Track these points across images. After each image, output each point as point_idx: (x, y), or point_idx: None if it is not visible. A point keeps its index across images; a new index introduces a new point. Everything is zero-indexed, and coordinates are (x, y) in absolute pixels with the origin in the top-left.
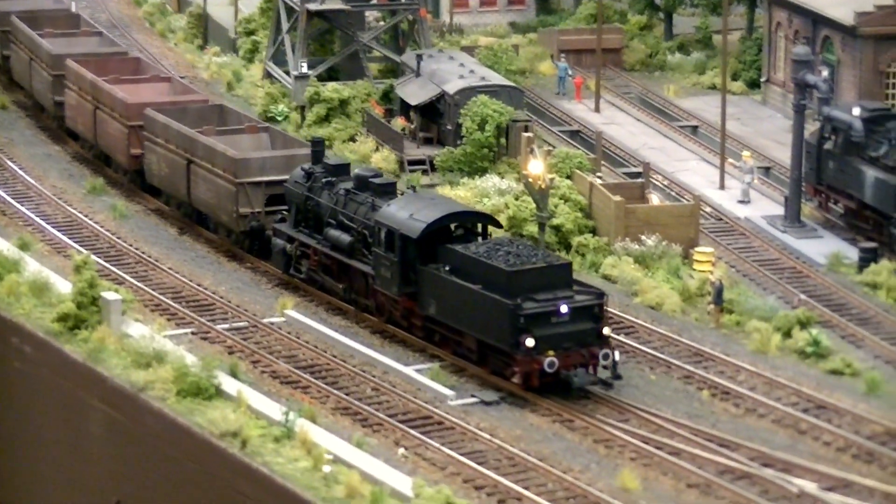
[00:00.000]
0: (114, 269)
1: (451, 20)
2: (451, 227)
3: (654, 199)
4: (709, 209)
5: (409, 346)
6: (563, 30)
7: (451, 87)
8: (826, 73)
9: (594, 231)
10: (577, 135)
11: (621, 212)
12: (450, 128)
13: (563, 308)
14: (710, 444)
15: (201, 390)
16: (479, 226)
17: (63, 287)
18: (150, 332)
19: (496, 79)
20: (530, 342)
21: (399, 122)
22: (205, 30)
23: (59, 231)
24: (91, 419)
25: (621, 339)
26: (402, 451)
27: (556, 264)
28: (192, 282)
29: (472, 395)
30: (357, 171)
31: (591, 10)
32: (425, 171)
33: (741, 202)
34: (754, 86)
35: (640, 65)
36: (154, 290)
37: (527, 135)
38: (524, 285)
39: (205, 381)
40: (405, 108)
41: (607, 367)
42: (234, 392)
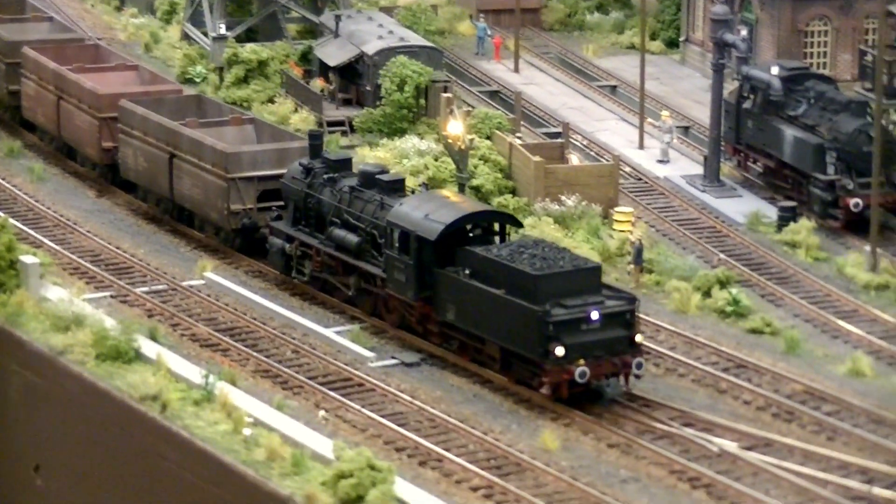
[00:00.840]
0: (32, 232)
1: None
2: (467, 226)
3: (574, 159)
4: (628, 169)
5: (329, 308)
6: None
7: (370, 48)
8: (744, 32)
9: (514, 192)
10: (496, 95)
11: (541, 172)
12: (369, 89)
13: (594, 314)
14: (631, 403)
15: (121, 354)
16: (497, 225)
17: None
18: (68, 295)
19: (415, 39)
20: (560, 351)
21: (318, 84)
22: None
23: None
24: (10, 384)
25: None
26: (322, 413)
27: (584, 267)
28: (110, 245)
29: (393, 357)
30: (362, 167)
31: None
32: (344, 133)
33: (660, 162)
34: (673, 45)
35: (558, 25)
36: (72, 253)
37: (446, 95)
38: (552, 290)
39: (124, 345)
40: (324, 70)
41: (640, 377)
42: (153, 355)
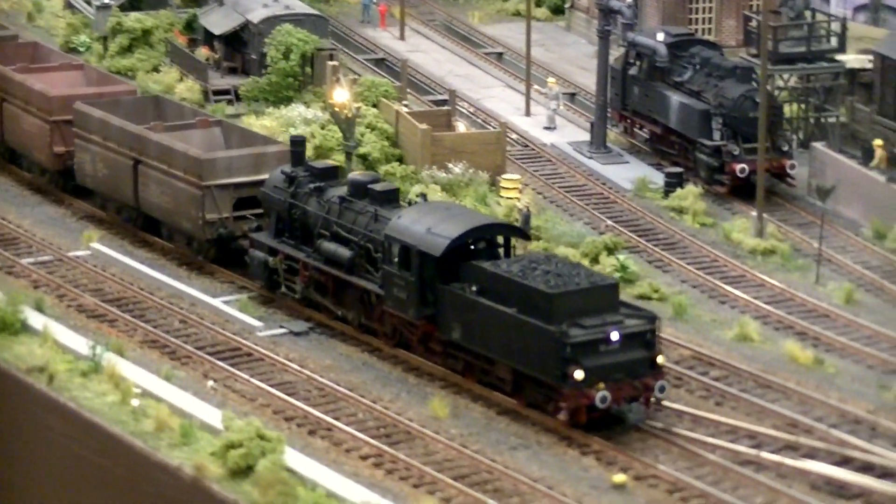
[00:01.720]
0: None
1: None
2: (470, 240)
3: (461, 126)
4: (515, 136)
5: (216, 278)
6: None
7: (255, 16)
8: None
9: (401, 159)
10: (382, 63)
11: (428, 140)
12: (254, 57)
13: (614, 335)
14: None
15: (7, 325)
16: (501, 238)
17: None
18: None
19: (300, 7)
20: (579, 374)
21: (203, 52)
22: None
23: None
24: None
25: None
26: (211, 383)
27: (602, 284)
28: None
29: (281, 326)
30: (352, 176)
31: None
32: (230, 101)
33: (547, 128)
34: (558, 12)
35: None
36: None
37: (332, 63)
38: (568, 309)
39: (10, 316)
40: (209, 38)
41: (661, 401)
42: (40, 327)
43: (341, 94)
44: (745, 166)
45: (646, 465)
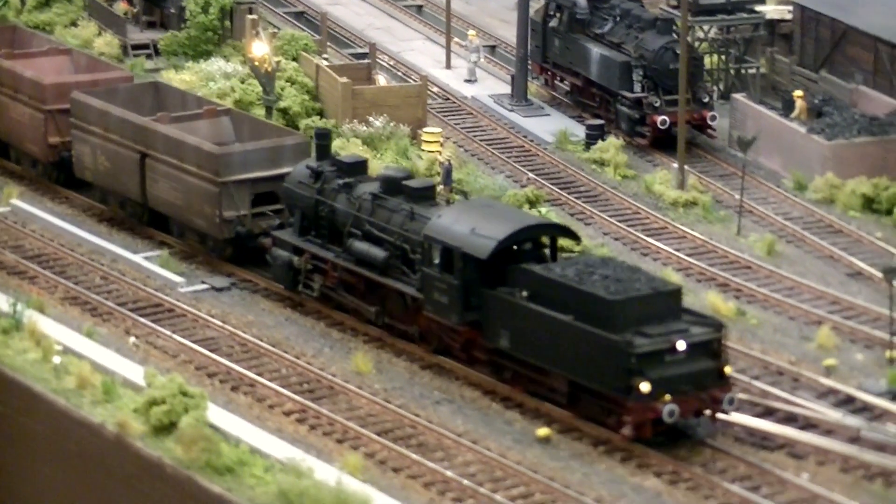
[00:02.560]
0: None
1: None
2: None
3: (381, 79)
4: (436, 89)
5: (136, 234)
6: None
7: None
8: None
9: (321, 113)
10: (301, 16)
11: (348, 93)
12: (173, 11)
13: (681, 344)
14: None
15: None
16: (547, 238)
17: None
18: None
19: None
20: (646, 387)
21: (121, 7)
22: None
23: None
24: None
25: None
26: (132, 339)
27: (664, 290)
28: None
29: (203, 282)
30: (384, 171)
31: None
32: (149, 56)
33: (468, 81)
34: None
35: None
36: None
37: (251, 17)
38: (630, 317)
39: None
40: None
41: (728, 413)
42: None
43: (261, 48)
44: (665, 118)
45: (571, 419)
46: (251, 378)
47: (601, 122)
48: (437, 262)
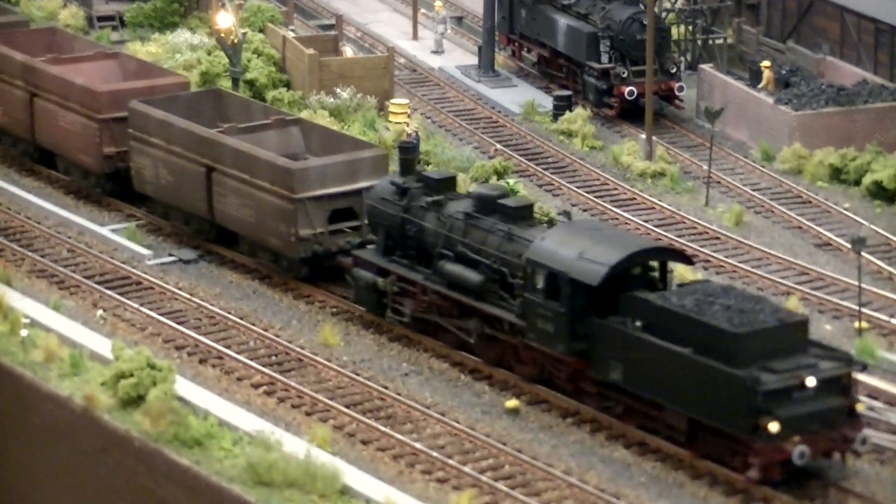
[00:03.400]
0: None
1: None
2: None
3: (348, 51)
4: (402, 60)
5: (104, 207)
6: None
7: None
8: None
9: (288, 85)
10: None
11: (315, 65)
12: None
13: (811, 380)
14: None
15: None
16: (656, 262)
17: None
18: None
19: None
20: (774, 426)
21: None
22: None
23: None
24: None
25: None
26: (100, 312)
27: (790, 322)
28: None
29: (170, 255)
30: (477, 189)
31: None
32: (115, 28)
33: (435, 52)
34: None
35: None
36: None
37: None
38: (756, 351)
39: None
40: None
41: (860, 454)
42: None
43: (226, 20)
44: (633, 89)
45: (539, 391)
46: (219, 351)
47: (568, 93)
48: (540, 287)
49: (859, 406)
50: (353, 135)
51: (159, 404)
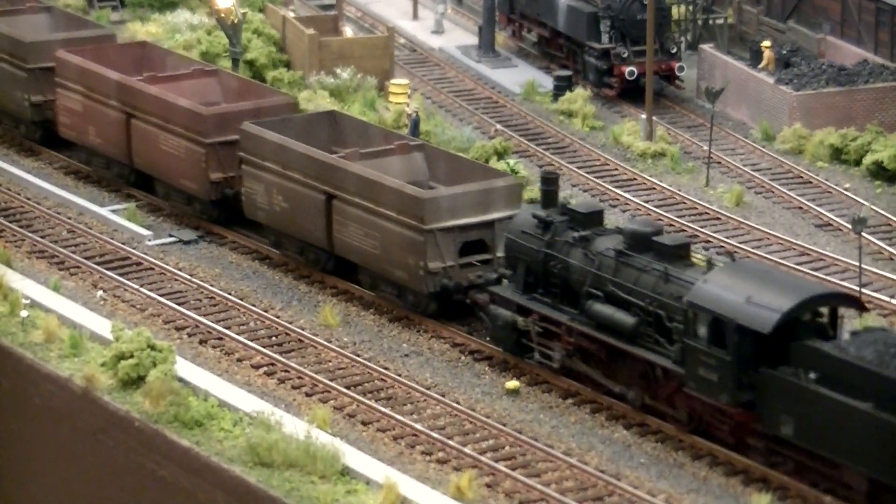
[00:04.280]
0: None
1: None
2: None
3: (348, 31)
4: (403, 40)
5: (103, 187)
6: None
7: None
8: None
9: (288, 65)
10: None
11: (315, 45)
12: None
13: None
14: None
15: None
16: (826, 308)
17: None
18: None
19: None
20: None
21: None
22: None
23: None
24: None
25: None
26: (100, 293)
27: None
28: None
29: (170, 235)
30: (628, 225)
31: None
32: (115, 8)
33: (435, 32)
34: None
35: None
36: None
37: None
38: None
39: None
40: None
41: None
42: None
43: (226, 0)
44: (633, 69)
45: (539, 372)
46: (219, 331)
47: (569, 73)
48: (703, 333)
49: None
50: (483, 163)
51: (159, 385)
